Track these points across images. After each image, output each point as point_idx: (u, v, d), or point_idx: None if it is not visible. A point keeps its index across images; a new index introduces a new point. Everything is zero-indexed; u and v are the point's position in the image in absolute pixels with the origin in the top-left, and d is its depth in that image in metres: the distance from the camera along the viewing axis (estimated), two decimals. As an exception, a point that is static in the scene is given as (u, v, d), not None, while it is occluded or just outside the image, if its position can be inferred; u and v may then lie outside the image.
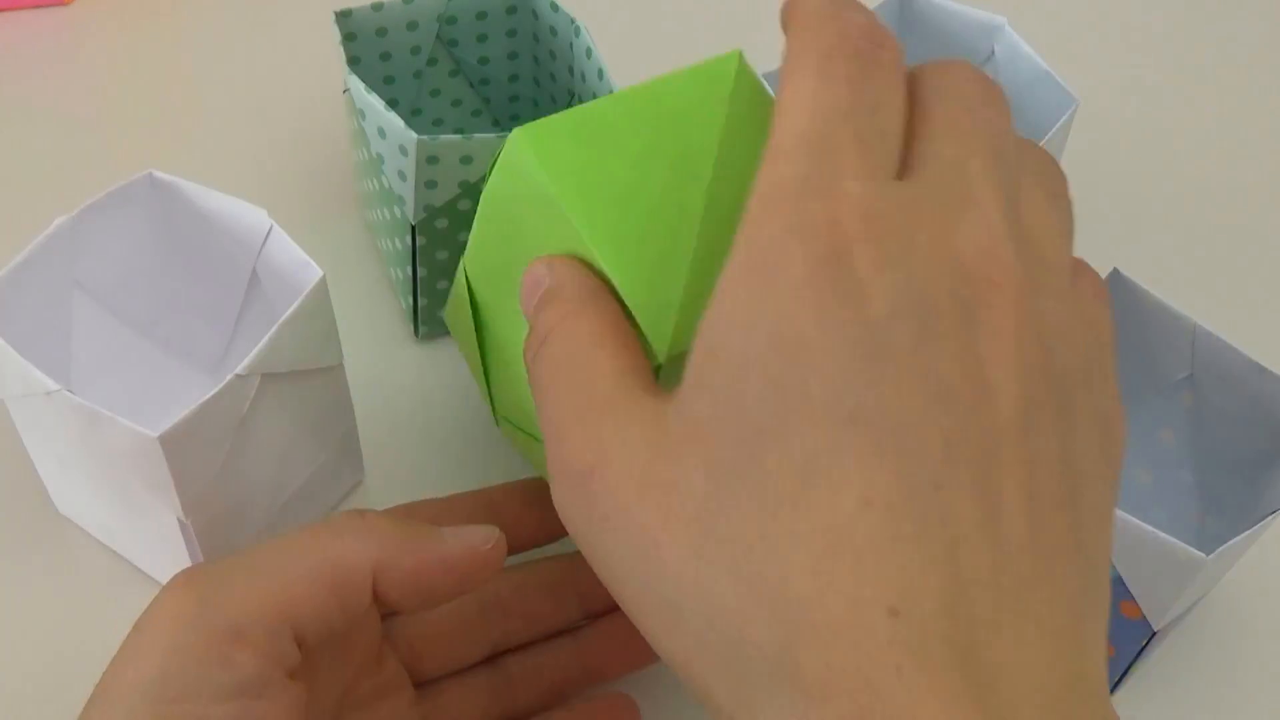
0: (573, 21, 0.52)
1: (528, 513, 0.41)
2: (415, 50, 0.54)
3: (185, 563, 0.42)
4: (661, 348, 0.32)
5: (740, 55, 0.36)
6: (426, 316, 0.52)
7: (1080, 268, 0.29)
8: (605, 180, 0.33)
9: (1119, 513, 0.37)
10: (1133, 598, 0.39)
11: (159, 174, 0.45)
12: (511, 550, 0.40)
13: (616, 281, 0.32)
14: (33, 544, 0.46)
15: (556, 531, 0.41)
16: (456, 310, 0.40)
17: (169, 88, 0.64)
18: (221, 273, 0.46)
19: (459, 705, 0.39)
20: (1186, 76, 0.69)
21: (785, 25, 0.29)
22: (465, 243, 0.49)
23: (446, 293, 0.51)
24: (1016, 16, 0.55)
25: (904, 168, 0.27)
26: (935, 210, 0.26)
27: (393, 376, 0.52)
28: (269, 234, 0.43)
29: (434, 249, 0.49)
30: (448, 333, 0.54)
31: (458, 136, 0.45)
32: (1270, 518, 0.38)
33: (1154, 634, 0.39)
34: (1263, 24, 0.72)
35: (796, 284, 0.25)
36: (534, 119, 0.58)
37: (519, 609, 0.40)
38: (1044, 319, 0.26)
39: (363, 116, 0.48)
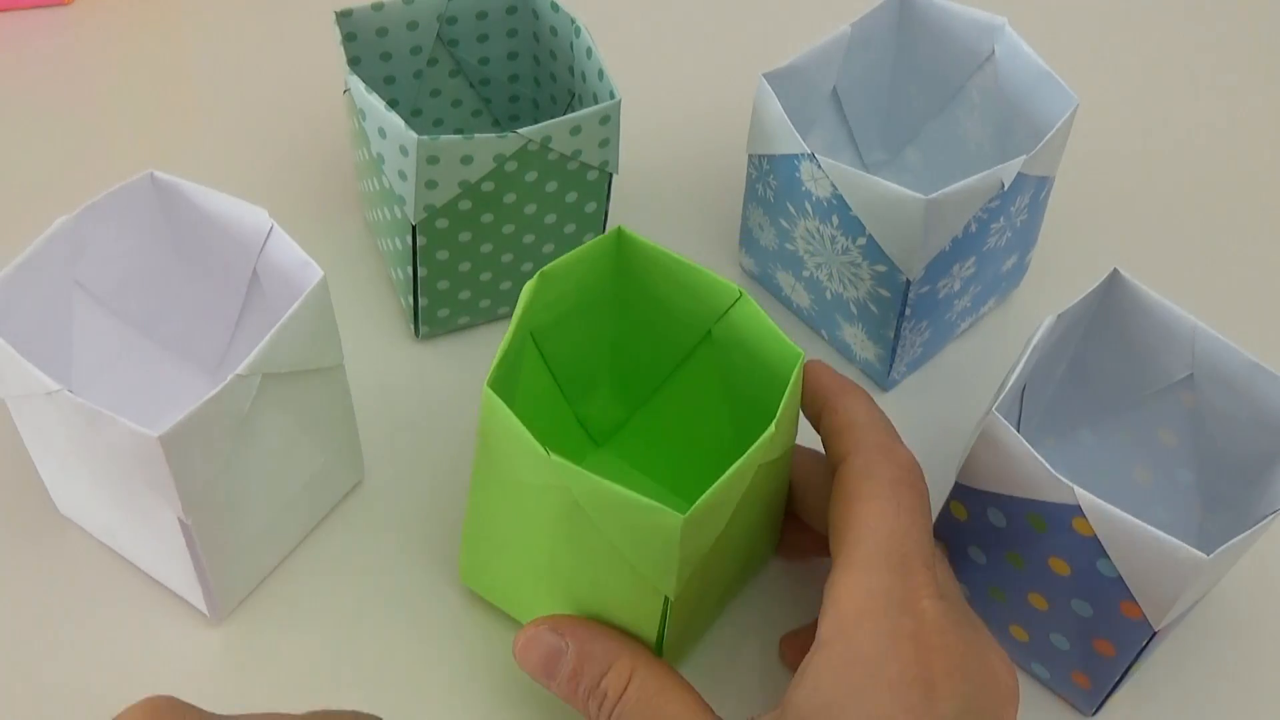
0: (573, 22, 0.52)
1: None
2: (416, 50, 0.54)
3: (186, 562, 0.42)
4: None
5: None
6: (426, 316, 0.52)
7: None
8: None
9: (1120, 513, 0.37)
10: (1133, 598, 0.39)
11: (159, 174, 0.45)
12: None
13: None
14: (33, 544, 0.46)
15: None
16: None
17: (169, 88, 0.64)
18: (221, 273, 0.46)
19: None
20: (1187, 76, 0.69)
21: (848, 453, 0.38)
22: (465, 243, 0.49)
23: (446, 293, 0.51)
24: (1016, 16, 0.55)
25: None
26: (973, 633, 0.37)
27: (393, 376, 0.52)
28: (269, 234, 0.43)
29: (434, 249, 0.49)
30: (447, 333, 0.54)
31: (458, 136, 0.45)
32: (1270, 518, 0.38)
33: (1154, 634, 0.39)
34: (1262, 25, 0.72)
35: (891, 682, 0.34)
36: (534, 120, 0.58)
37: None
38: None
39: (363, 116, 0.48)
